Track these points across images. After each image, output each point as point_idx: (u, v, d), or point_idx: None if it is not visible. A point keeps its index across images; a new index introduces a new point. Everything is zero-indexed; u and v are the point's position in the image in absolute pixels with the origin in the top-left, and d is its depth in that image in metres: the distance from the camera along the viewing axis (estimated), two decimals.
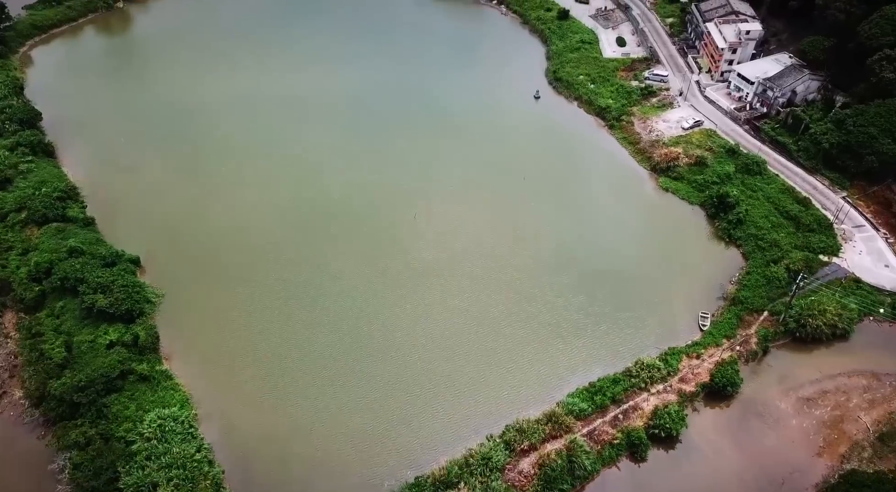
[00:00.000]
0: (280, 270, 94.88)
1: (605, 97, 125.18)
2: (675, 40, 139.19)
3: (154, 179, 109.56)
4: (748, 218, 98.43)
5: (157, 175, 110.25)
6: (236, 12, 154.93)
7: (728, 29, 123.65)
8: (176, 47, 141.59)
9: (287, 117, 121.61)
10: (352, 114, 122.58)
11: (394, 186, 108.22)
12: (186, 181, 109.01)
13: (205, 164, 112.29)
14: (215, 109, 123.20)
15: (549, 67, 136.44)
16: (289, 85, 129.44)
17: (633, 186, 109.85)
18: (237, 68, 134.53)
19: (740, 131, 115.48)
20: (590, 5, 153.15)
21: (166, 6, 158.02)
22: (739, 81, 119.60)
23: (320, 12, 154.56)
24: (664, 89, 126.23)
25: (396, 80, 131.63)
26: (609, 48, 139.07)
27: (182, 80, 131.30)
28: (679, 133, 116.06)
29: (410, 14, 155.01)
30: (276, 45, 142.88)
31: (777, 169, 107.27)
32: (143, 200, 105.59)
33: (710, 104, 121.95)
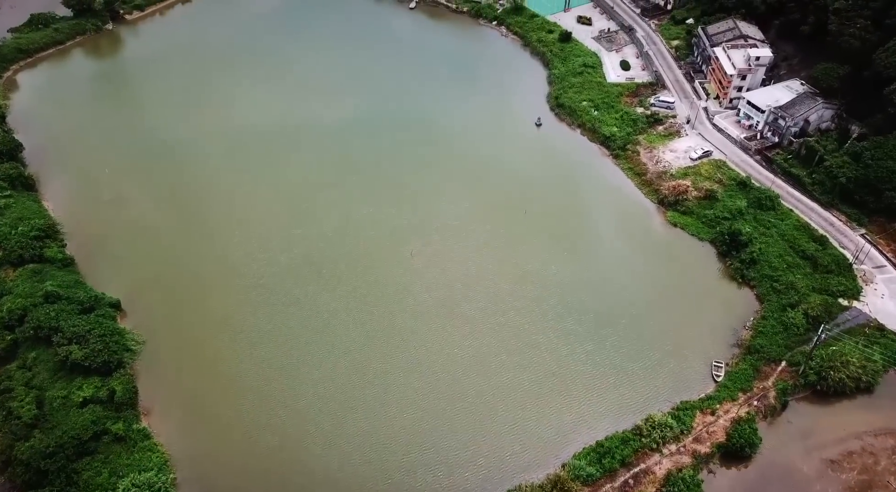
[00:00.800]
0: (270, 313, 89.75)
1: (609, 125, 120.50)
2: (681, 64, 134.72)
3: (139, 213, 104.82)
4: (762, 257, 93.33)
5: (142, 209, 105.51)
6: (227, 33, 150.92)
7: (737, 54, 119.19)
8: (164, 72, 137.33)
9: (278, 148, 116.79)
10: (346, 144, 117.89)
11: (389, 222, 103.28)
12: (172, 216, 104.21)
13: (192, 197, 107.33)
14: (204, 140, 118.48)
15: (551, 93, 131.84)
16: (280, 113, 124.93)
17: (640, 220, 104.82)
18: (227, 95, 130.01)
19: (751, 162, 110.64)
20: (592, 27, 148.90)
21: (155, 27, 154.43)
22: (749, 109, 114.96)
23: (314, 34, 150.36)
24: (671, 117, 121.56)
25: (392, 106, 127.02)
26: (613, 72, 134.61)
27: (170, 108, 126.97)
28: (687, 164, 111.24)
29: (408, 36, 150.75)
30: (267, 68, 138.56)
31: (791, 203, 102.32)
32: (126, 237, 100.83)
33: (718, 133, 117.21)
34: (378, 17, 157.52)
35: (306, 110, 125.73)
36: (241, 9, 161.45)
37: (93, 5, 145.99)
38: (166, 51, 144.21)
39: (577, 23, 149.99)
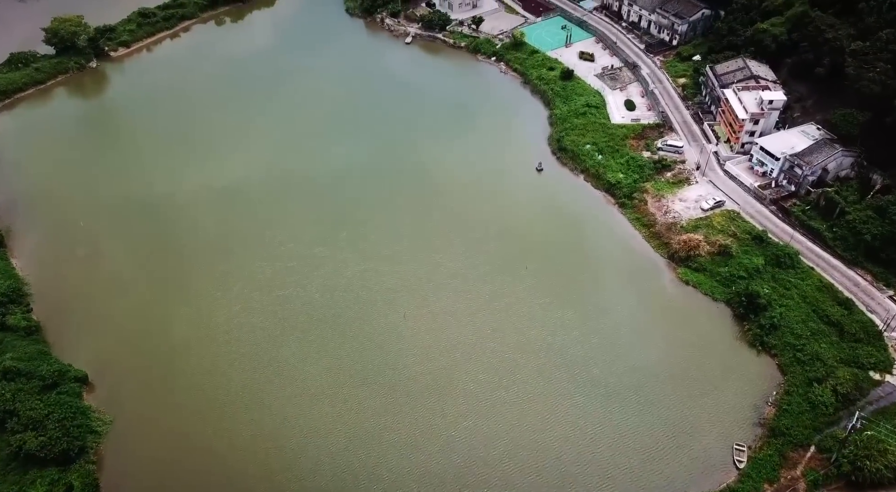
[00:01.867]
0: (251, 391, 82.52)
1: (614, 171, 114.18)
2: (688, 104, 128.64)
3: (114, 271, 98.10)
4: (783, 322, 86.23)
5: (117, 267, 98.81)
6: (216, 70, 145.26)
7: (748, 96, 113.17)
8: (149, 114, 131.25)
9: (265, 202, 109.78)
10: (336, 196, 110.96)
11: (382, 281, 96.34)
12: (151, 275, 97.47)
13: (173, 255, 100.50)
14: (188, 191, 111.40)
15: (553, 135, 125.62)
16: (268, 163, 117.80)
17: (650, 278, 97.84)
18: (213, 142, 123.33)
19: (766, 213, 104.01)
20: (595, 63, 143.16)
21: (141, 65, 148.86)
22: (763, 156, 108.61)
23: (306, 71, 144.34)
24: (679, 162, 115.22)
25: (387, 153, 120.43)
26: (617, 112, 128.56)
27: (154, 155, 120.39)
28: (698, 215, 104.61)
29: (404, 73, 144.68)
30: (256, 111, 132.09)
31: (812, 260, 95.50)
32: (99, 298, 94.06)
33: (731, 180, 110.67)
34: (373, 53, 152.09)
35: (296, 159, 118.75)
36: (232, 43, 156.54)
37: (76, 43, 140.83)
38: (152, 90, 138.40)
39: (579, 59, 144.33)
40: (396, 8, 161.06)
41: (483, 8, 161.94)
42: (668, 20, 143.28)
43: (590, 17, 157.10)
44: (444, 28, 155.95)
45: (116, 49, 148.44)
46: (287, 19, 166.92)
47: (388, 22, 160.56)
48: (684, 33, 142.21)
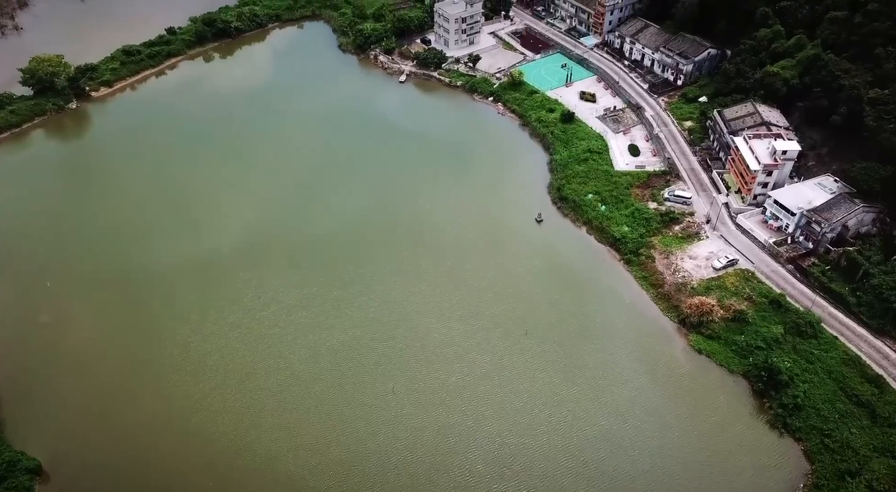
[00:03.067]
0: (220, 480, 74.86)
1: (619, 224, 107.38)
2: (695, 150, 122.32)
3: (79, 342, 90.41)
4: (807, 402, 78.82)
5: (84, 337, 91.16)
6: (201, 111, 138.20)
7: (760, 145, 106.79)
8: (128, 160, 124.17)
9: (245, 262, 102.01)
10: (321, 254, 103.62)
11: (368, 351, 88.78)
12: (118, 352, 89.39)
13: (144, 328, 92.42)
14: (163, 252, 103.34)
15: (553, 182, 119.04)
16: (252, 223, 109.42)
17: (659, 346, 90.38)
18: (194, 194, 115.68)
19: (783, 273, 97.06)
20: (597, 104, 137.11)
21: (124, 105, 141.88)
22: (777, 210, 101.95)
23: (295, 112, 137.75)
24: (688, 214, 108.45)
25: (376, 204, 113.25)
26: (621, 158, 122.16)
27: (131, 209, 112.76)
28: (710, 274, 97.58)
29: (397, 115, 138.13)
30: (242, 158, 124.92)
31: (835, 328, 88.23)
32: (61, 373, 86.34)
33: (743, 235, 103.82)
34: (366, 93, 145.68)
35: (280, 215, 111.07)
36: (219, 81, 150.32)
37: (54, 83, 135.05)
38: (132, 133, 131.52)
39: (580, 99, 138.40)
40: (390, 45, 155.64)
41: (480, 45, 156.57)
42: (672, 59, 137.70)
43: (591, 55, 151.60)
44: (439, 66, 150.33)
45: (98, 89, 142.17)
46: (278, 55, 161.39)
47: (382, 59, 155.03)
48: (689, 73, 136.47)
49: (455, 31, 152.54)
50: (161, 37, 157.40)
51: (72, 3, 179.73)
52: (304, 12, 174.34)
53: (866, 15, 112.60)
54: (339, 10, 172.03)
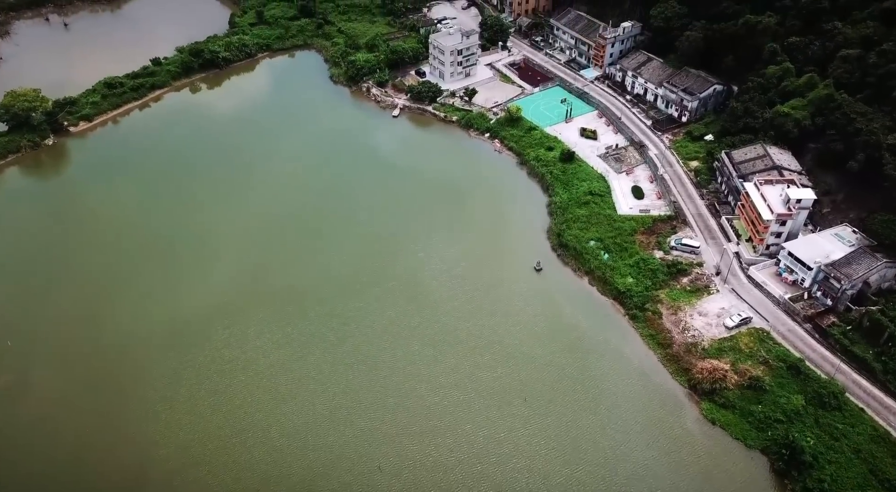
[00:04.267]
0: None
1: (623, 275, 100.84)
2: (702, 193, 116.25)
3: (40, 407, 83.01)
4: (834, 486, 71.86)
5: (45, 402, 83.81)
6: (184, 148, 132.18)
7: (772, 192, 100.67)
8: (104, 202, 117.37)
9: (224, 319, 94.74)
10: (304, 311, 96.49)
11: (352, 420, 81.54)
12: (85, 416, 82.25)
13: (110, 396, 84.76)
14: (139, 312, 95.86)
15: (553, 227, 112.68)
16: (232, 278, 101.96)
17: (669, 415, 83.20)
18: (173, 243, 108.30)
19: (801, 333, 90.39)
20: (598, 141, 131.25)
21: (103, 141, 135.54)
22: (793, 263, 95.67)
23: (282, 147, 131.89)
24: (696, 265, 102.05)
25: (365, 253, 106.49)
26: (624, 201, 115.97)
27: (104, 258, 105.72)
28: (722, 334, 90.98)
29: (390, 151, 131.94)
30: (222, 199, 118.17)
31: (861, 399, 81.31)
32: (19, 444, 78.98)
33: (756, 288, 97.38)
34: (357, 128, 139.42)
35: (265, 267, 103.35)
36: (205, 114, 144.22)
37: (30, 118, 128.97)
38: (109, 171, 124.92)
39: (581, 136, 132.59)
40: (384, 77, 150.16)
41: (477, 77, 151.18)
42: (676, 95, 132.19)
43: (591, 89, 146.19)
44: (434, 100, 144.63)
45: (77, 123, 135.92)
46: (267, 87, 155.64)
47: (375, 92, 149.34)
48: (694, 110, 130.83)
49: (451, 64, 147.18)
50: (145, 68, 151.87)
51: (55, 32, 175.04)
52: (296, 41, 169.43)
53: (882, 55, 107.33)
54: (331, 39, 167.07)
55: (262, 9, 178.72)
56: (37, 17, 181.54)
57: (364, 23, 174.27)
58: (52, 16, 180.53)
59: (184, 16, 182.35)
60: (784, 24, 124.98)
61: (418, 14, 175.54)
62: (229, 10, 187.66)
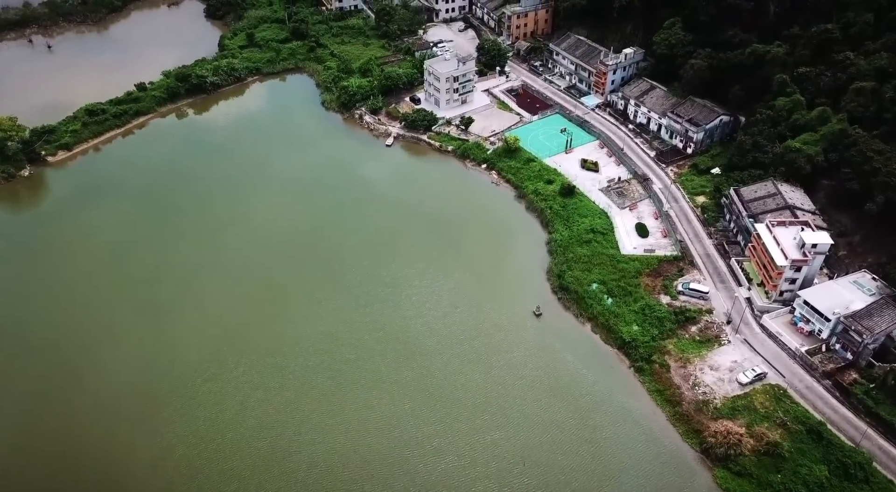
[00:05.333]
0: None
1: (628, 322, 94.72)
2: (710, 231, 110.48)
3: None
4: None
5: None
6: (165, 180, 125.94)
7: (785, 235, 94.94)
8: (78, 239, 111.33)
9: (204, 369, 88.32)
10: (288, 359, 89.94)
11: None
12: (42, 478, 75.98)
13: (71, 456, 78.42)
14: (111, 361, 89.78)
15: (553, 267, 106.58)
16: (211, 315, 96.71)
17: (680, 482, 76.52)
18: (157, 278, 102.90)
19: (820, 391, 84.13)
20: (600, 174, 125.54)
21: (82, 171, 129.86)
22: (809, 312, 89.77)
23: (269, 179, 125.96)
24: (706, 311, 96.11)
25: (354, 298, 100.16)
26: (627, 240, 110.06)
27: (82, 294, 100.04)
28: (735, 391, 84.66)
29: (383, 183, 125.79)
30: (208, 231, 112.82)
31: (889, 468, 74.73)
32: None
33: (770, 339, 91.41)
34: (349, 158, 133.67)
35: (247, 318, 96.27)
36: (191, 143, 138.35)
37: (6, 148, 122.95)
38: (89, 204, 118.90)
39: (581, 168, 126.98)
40: (377, 104, 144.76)
41: (474, 104, 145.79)
42: (681, 126, 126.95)
43: (592, 117, 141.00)
44: (429, 129, 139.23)
45: (55, 153, 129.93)
46: (256, 113, 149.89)
47: (368, 119, 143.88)
48: (700, 141, 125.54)
49: (447, 91, 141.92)
50: (129, 93, 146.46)
51: (38, 54, 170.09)
52: (287, 65, 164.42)
53: None
54: (323, 63, 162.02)
55: (253, 30, 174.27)
56: (20, 39, 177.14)
57: (358, 45, 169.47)
58: (36, 37, 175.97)
59: (173, 37, 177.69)
60: (793, 53, 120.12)
61: (414, 37, 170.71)
62: (219, 31, 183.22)
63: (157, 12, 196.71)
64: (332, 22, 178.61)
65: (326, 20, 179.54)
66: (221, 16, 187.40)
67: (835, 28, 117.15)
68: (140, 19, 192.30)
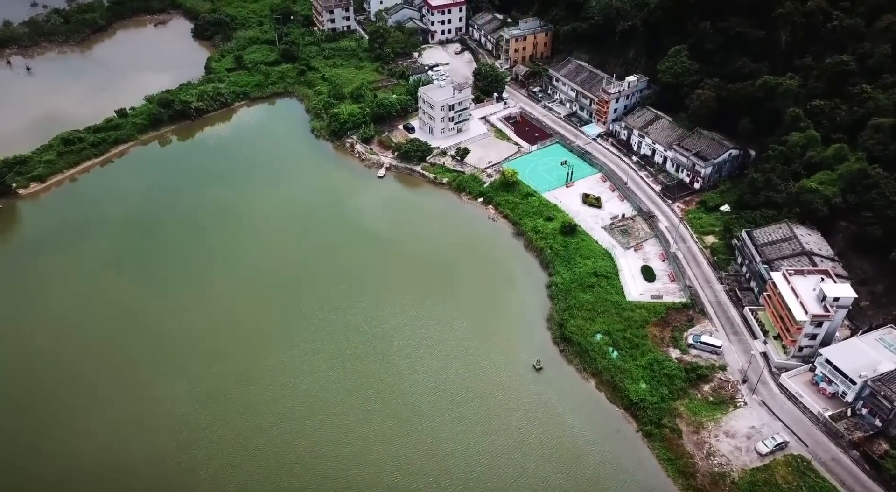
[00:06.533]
0: None
1: (635, 379, 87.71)
2: (721, 275, 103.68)
3: None
4: None
5: None
6: (148, 207, 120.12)
7: (804, 285, 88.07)
8: (56, 274, 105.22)
9: (177, 437, 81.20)
10: (265, 436, 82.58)
11: None
12: None
13: None
14: (75, 440, 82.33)
15: (554, 314, 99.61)
16: (186, 372, 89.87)
17: None
18: (130, 325, 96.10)
19: (847, 463, 76.89)
20: (602, 210, 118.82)
21: (56, 204, 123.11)
22: (832, 373, 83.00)
23: (253, 214, 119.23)
24: (719, 368, 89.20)
25: (340, 353, 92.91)
26: (633, 284, 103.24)
27: (49, 344, 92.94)
28: (754, 461, 77.42)
29: (374, 218, 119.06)
30: (189, 271, 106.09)
31: None
32: None
33: (789, 400, 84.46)
34: (339, 190, 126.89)
35: (223, 382, 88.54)
36: (173, 173, 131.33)
37: None
38: (62, 241, 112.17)
39: (583, 204, 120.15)
40: (369, 133, 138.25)
41: (470, 133, 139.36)
42: (688, 160, 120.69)
43: (594, 147, 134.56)
44: (423, 159, 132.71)
45: (27, 185, 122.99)
46: (242, 141, 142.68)
47: (360, 149, 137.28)
48: (708, 176, 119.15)
49: (441, 119, 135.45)
50: (109, 120, 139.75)
51: (16, 77, 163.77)
52: (276, 89, 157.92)
53: None
54: (313, 87, 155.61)
55: (242, 52, 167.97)
56: None
57: (350, 68, 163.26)
58: (16, 58, 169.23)
59: (158, 58, 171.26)
60: (806, 85, 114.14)
61: (408, 60, 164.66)
62: (207, 51, 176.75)
63: (143, 31, 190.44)
64: (323, 43, 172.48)
65: (318, 41, 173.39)
66: (209, 36, 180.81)
67: (850, 60, 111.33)
68: (125, 39, 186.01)
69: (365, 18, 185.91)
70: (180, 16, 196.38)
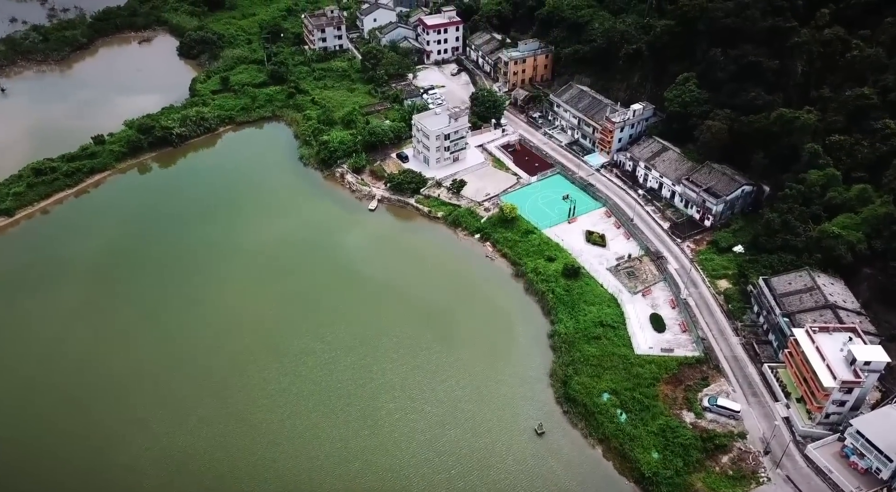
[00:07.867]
0: None
1: (646, 448, 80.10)
2: (736, 326, 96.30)
3: None
4: None
5: None
6: (123, 242, 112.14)
7: (830, 345, 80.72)
8: (19, 320, 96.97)
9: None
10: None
11: None
12: None
13: None
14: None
15: (556, 369, 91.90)
16: (161, 448, 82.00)
17: None
18: (96, 378, 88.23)
19: None
20: (607, 249, 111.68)
21: (21, 242, 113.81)
22: (865, 447, 75.77)
23: (236, 248, 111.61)
24: (738, 436, 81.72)
25: (325, 413, 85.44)
26: (642, 336, 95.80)
27: (9, 398, 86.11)
28: None
29: (363, 256, 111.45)
30: (160, 320, 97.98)
31: None
32: None
33: (817, 476, 77.02)
34: (328, 224, 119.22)
35: (196, 440, 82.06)
36: (151, 205, 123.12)
37: None
38: (29, 281, 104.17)
39: (587, 242, 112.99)
40: (360, 162, 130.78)
41: (467, 162, 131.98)
42: (698, 195, 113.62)
43: (597, 179, 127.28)
44: (417, 191, 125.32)
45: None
46: (226, 170, 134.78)
47: (350, 179, 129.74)
48: (720, 213, 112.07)
49: (437, 149, 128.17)
50: (85, 148, 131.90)
51: None
52: (263, 112, 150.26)
53: None
54: (303, 111, 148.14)
55: (229, 73, 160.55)
56: None
57: (342, 90, 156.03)
58: None
59: (141, 78, 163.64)
60: (824, 118, 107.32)
61: (402, 82, 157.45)
62: (193, 71, 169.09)
63: (126, 49, 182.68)
64: (314, 63, 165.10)
65: (309, 61, 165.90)
66: (196, 54, 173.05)
67: (872, 92, 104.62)
68: (107, 57, 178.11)
69: (358, 37, 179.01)
70: (166, 32, 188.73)
